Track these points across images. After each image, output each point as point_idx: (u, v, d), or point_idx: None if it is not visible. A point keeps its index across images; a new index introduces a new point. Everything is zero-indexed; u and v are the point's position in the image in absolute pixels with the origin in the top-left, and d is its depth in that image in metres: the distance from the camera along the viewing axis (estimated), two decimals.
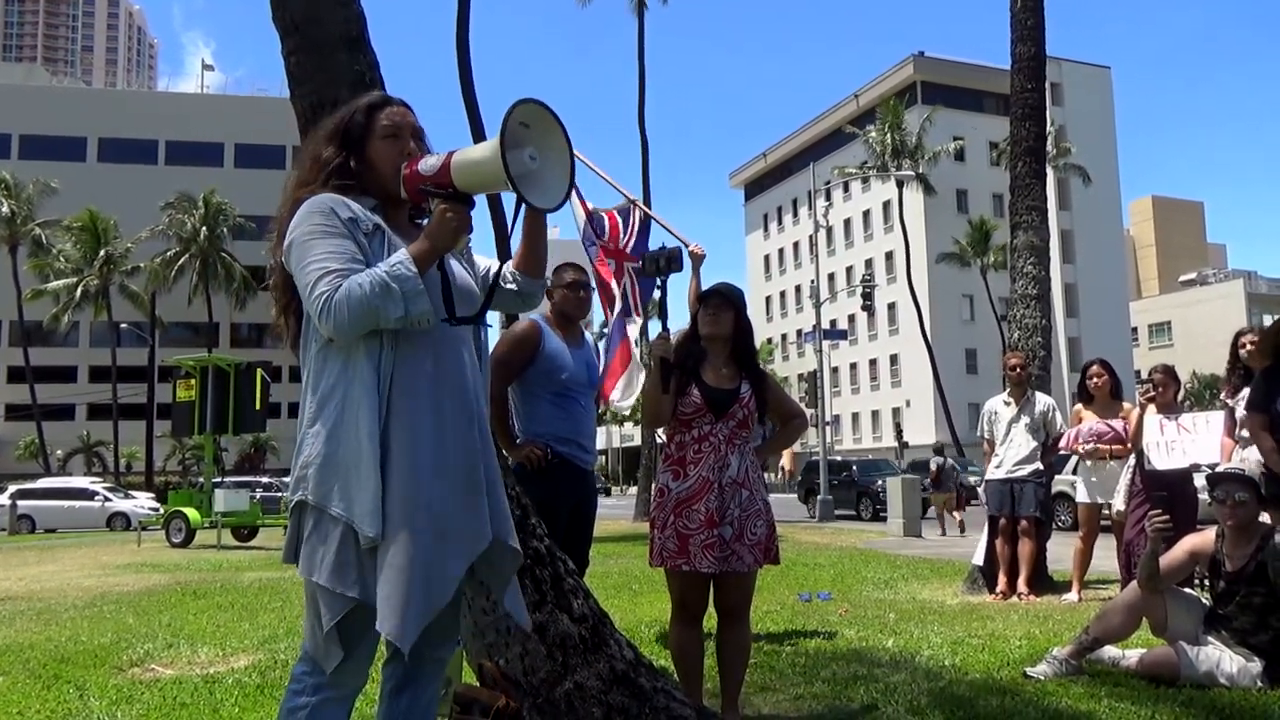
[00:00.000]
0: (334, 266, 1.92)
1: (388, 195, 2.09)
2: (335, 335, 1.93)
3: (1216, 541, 4.05)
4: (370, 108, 2.14)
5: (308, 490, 1.94)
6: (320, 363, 2.00)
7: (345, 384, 1.96)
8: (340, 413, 1.95)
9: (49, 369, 53.96)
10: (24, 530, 25.57)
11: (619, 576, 8.80)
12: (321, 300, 1.89)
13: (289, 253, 1.99)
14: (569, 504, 3.91)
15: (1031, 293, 7.87)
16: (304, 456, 1.97)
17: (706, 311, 3.40)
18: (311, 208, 1.99)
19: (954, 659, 4.51)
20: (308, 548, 1.96)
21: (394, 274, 1.90)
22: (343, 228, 1.97)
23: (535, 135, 1.95)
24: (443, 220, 1.96)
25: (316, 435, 1.96)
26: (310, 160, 2.14)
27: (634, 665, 3.11)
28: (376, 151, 2.09)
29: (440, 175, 1.95)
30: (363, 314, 1.88)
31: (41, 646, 5.57)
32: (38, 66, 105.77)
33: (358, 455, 1.92)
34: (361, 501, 1.90)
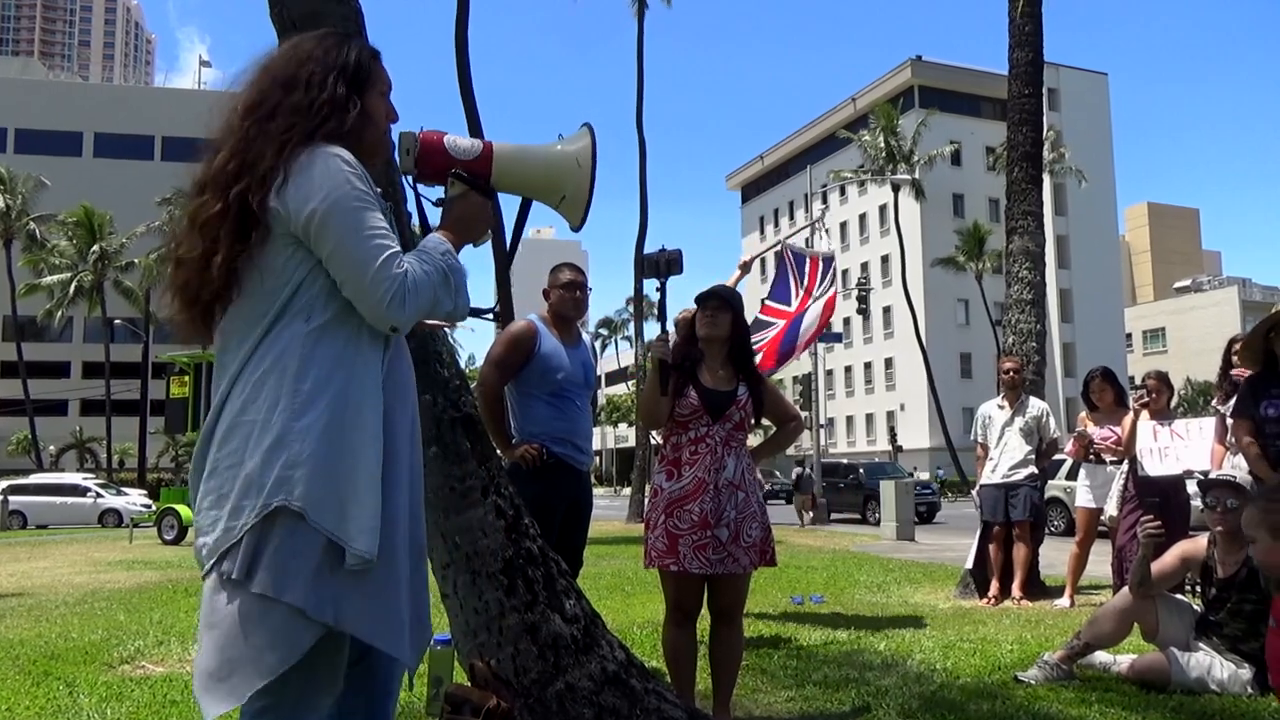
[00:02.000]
0: (395, 246, 1.68)
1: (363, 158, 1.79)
2: (403, 325, 1.70)
3: (1208, 548, 4.06)
4: (374, 55, 1.87)
5: (292, 495, 1.62)
6: (312, 345, 1.68)
7: (344, 377, 1.69)
8: (340, 409, 1.67)
9: (42, 364, 53.81)
10: (15, 526, 25.50)
11: (612, 577, 8.80)
12: (396, 283, 1.65)
13: (327, 214, 1.65)
14: (563, 504, 3.90)
15: (1026, 298, 7.88)
16: (290, 454, 1.63)
17: (704, 313, 3.41)
18: (349, 169, 1.69)
19: (945, 663, 4.52)
20: (277, 561, 1.61)
21: (448, 264, 1.74)
22: (379, 202, 1.74)
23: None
24: (483, 213, 1.84)
25: (307, 432, 1.64)
26: (308, 88, 1.75)
27: (625, 666, 3.11)
28: (374, 106, 1.84)
29: (480, 163, 1.83)
30: (427, 303, 1.70)
31: (32, 643, 5.55)
32: (34, 61, 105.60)
33: (358, 461, 1.66)
34: (359, 516, 1.64)
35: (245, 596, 1.61)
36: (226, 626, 1.62)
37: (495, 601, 3.08)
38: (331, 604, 1.63)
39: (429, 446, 3.16)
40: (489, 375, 3.90)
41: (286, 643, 1.61)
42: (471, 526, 3.12)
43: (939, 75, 60.55)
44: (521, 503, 3.29)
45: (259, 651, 1.60)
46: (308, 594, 1.61)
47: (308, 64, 1.78)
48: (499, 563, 3.10)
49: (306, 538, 1.62)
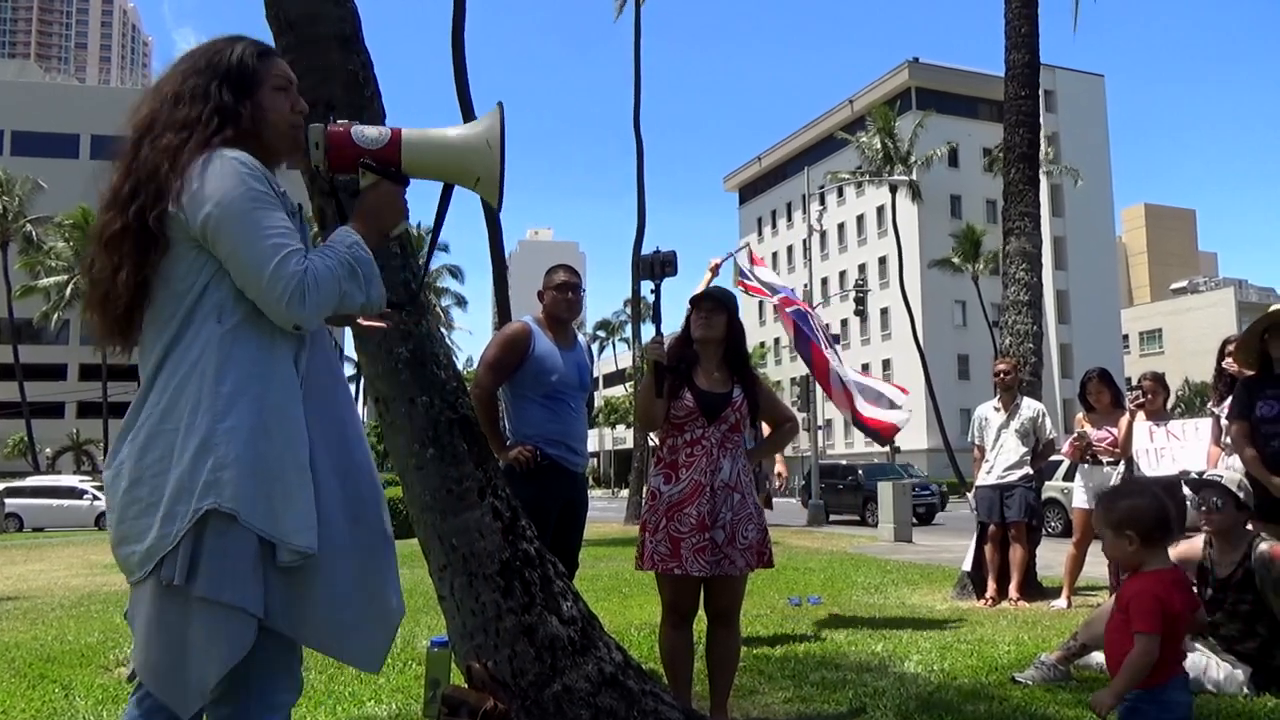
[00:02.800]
0: (295, 244, 1.68)
1: (269, 159, 1.83)
2: (305, 323, 1.69)
3: (1204, 549, 4.06)
4: (261, 52, 1.87)
5: (222, 497, 1.63)
6: (227, 347, 1.69)
7: (264, 378, 1.70)
8: (262, 410, 1.68)
9: (38, 366, 53.71)
10: (12, 529, 25.46)
11: (609, 579, 8.80)
12: (294, 281, 1.65)
13: (219, 219, 1.66)
14: (558, 506, 3.90)
15: (1023, 299, 7.89)
16: (217, 456, 1.65)
17: (699, 315, 3.41)
18: (245, 170, 1.70)
19: (942, 664, 4.52)
20: (214, 562, 1.64)
21: (355, 255, 1.73)
22: (280, 201, 1.74)
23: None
24: (392, 201, 1.83)
25: (233, 433, 1.65)
26: (192, 101, 1.78)
27: (622, 667, 3.11)
28: (271, 104, 1.84)
29: (387, 151, 1.81)
30: (330, 298, 1.70)
31: (28, 646, 5.55)
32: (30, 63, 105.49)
33: (286, 459, 1.68)
34: (294, 514, 1.66)
35: (190, 599, 1.65)
36: (177, 630, 1.66)
37: (492, 603, 3.08)
38: (262, 604, 1.67)
39: (426, 448, 3.17)
40: (483, 377, 3.90)
41: (231, 640, 1.65)
42: (468, 528, 3.12)
43: (936, 77, 60.59)
44: (518, 504, 3.29)
45: (210, 649, 1.65)
46: (243, 592, 1.64)
47: (190, 77, 1.82)
48: (496, 565, 3.10)
49: (240, 538, 1.65)
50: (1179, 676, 2.51)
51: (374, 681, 4.27)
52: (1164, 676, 2.45)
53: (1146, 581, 2.48)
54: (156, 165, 1.72)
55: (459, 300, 55.24)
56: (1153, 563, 2.52)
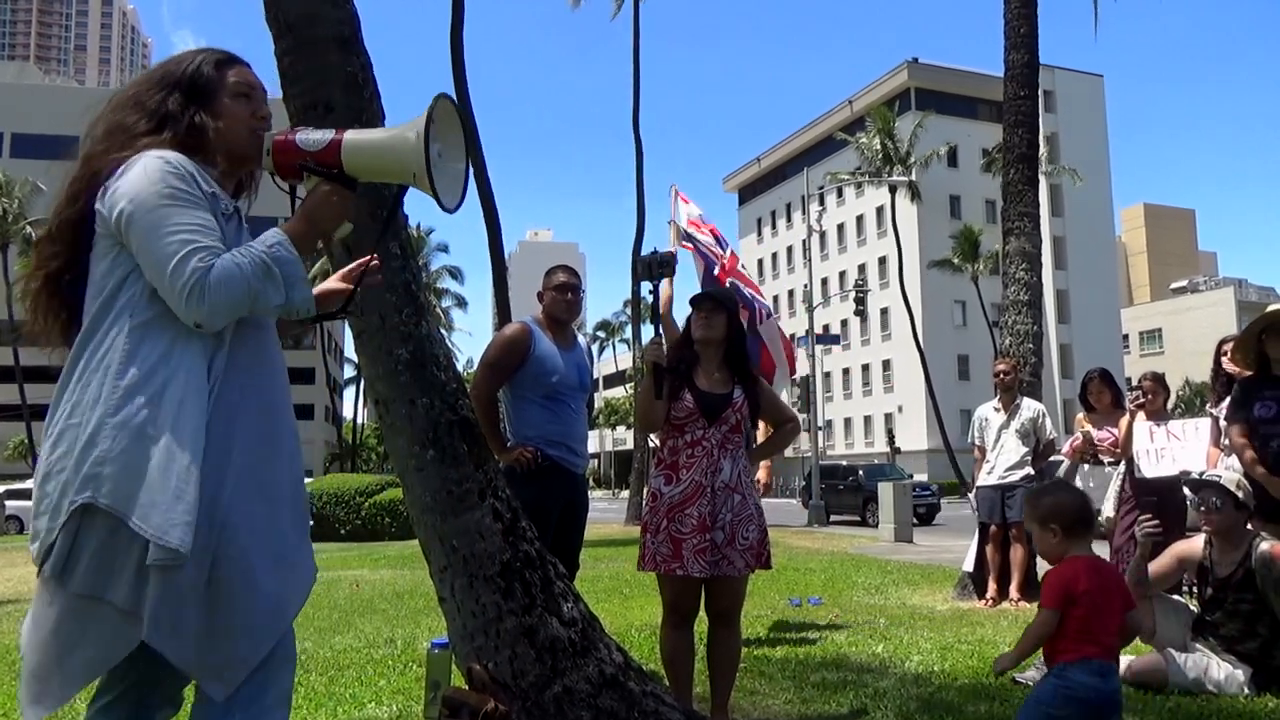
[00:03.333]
0: (204, 242, 1.67)
1: (230, 163, 1.88)
2: (204, 321, 1.66)
3: (1205, 548, 4.06)
4: (219, 61, 1.90)
5: (100, 492, 1.61)
6: (136, 341, 1.68)
7: (166, 373, 1.67)
8: (156, 406, 1.65)
9: (39, 369, 53.63)
10: (12, 531, 25.48)
11: (609, 580, 8.80)
12: (193, 278, 1.63)
13: (130, 215, 1.68)
14: (558, 507, 3.90)
15: (1023, 299, 7.88)
16: (100, 450, 1.62)
17: (699, 316, 3.41)
18: (169, 168, 1.71)
19: (943, 664, 4.52)
20: (97, 560, 1.62)
21: (274, 255, 1.70)
22: (204, 200, 1.73)
23: (441, 132, 1.83)
24: (328, 203, 1.79)
25: (121, 428, 1.63)
26: (137, 106, 1.84)
27: (623, 669, 3.11)
28: (228, 110, 1.86)
29: (327, 154, 1.80)
30: (239, 298, 1.66)
31: None
32: (30, 65, 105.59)
33: (172, 456, 1.63)
34: (171, 511, 1.60)
35: (66, 596, 1.63)
36: (49, 627, 1.65)
37: (493, 605, 3.08)
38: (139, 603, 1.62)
39: (426, 450, 3.17)
40: (483, 378, 3.90)
41: (108, 642, 1.62)
42: (469, 530, 3.12)
43: (935, 77, 60.61)
44: (519, 505, 3.29)
45: (80, 651, 1.62)
46: (129, 593, 1.61)
47: (144, 86, 1.88)
48: (496, 566, 3.09)
49: (128, 536, 1.61)
50: (1093, 661, 2.60)
51: (375, 683, 4.27)
52: (1071, 656, 2.59)
53: (1060, 567, 2.68)
54: (96, 168, 1.77)
55: (459, 301, 55.29)
56: (1074, 552, 2.69)
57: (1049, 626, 2.59)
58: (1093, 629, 2.59)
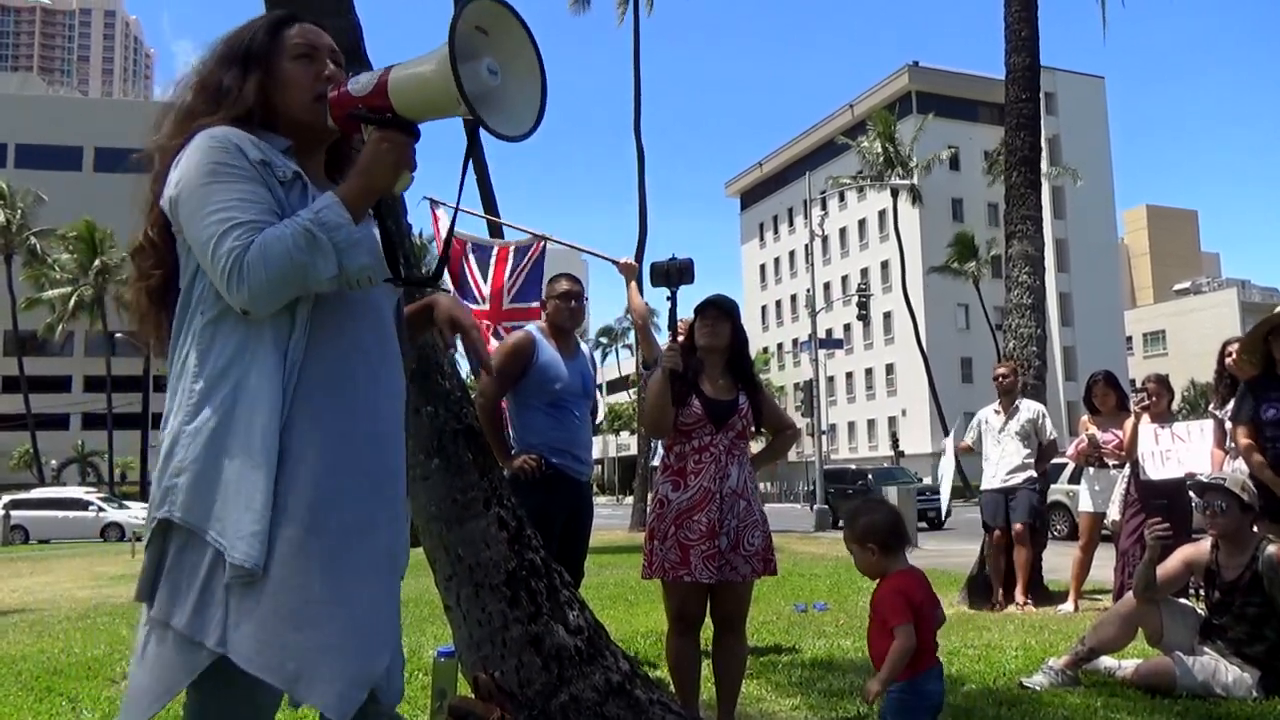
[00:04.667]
0: (244, 217, 1.50)
1: (299, 134, 1.69)
2: (251, 305, 1.49)
3: (1211, 552, 4.05)
4: (274, 24, 1.73)
5: (175, 506, 1.51)
6: (208, 342, 1.56)
7: (239, 372, 1.54)
8: (231, 407, 1.52)
9: (43, 379, 53.82)
10: (17, 541, 25.48)
11: (615, 587, 8.78)
12: (230, 259, 1.47)
13: (177, 201, 1.55)
14: (563, 515, 3.90)
15: (1026, 302, 7.88)
16: (176, 461, 1.53)
17: (704, 323, 3.41)
18: (211, 142, 1.56)
19: (950, 670, 4.50)
20: (170, 580, 1.51)
21: (320, 220, 1.50)
22: (252, 170, 1.56)
23: (495, 43, 1.54)
24: (378, 151, 1.54)
25: (195, 435, 1.52)
26: (200, 88, 1.70)
27: (630, 677, 3.10)
28: (287, 75, 1.68)
29: (375, 95, 1.55)
30: (284, 274, 1.47)
31: (34, 658, 5.54)
32: (33, 76, 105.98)
33: (245, 463, 1.50)
34: (240, 522, 1.47)
35: (148, 620, 1.54)
36: (137, 652, 1.55)
37: (498, 613, 3.07)
38: (219, 626, 1.47)
39: (431, 459, 3.17)
40: (488, 386, 3.90)
41: (172, 669, 1.49)
42: (474, 538, 3.12)
43: (936, 81, 60.65)
44: (524, 514, 3.28)
45: (151, 679, 1.51)
46: (191, 616, 1.48)
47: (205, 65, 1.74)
48: (502, 574, 3.09)
49: (196, 553, 1.50)
50: (933, 668, 2.73)
51: None
52: (920, 667, 2.67)
53: (890, 582, 2.73)
54: (165, 162, 1.66)
55: None
56: (893, 566, 2.77)
57: (911, 639, 2.62)
58: (925, 639, 2.69)
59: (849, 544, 2.85)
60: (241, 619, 1.47)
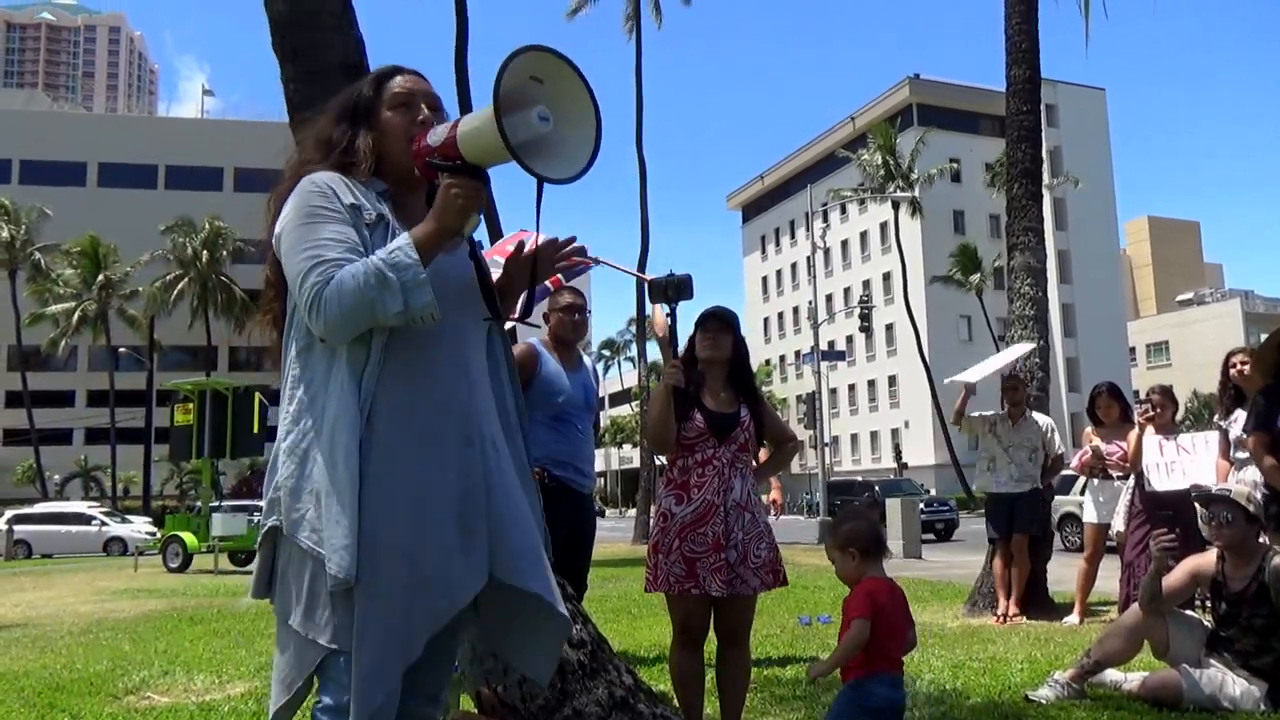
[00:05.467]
0: (330, 255, 1.67)
1: (401, 179, 1.85)
2: (327, 335, 1.68)
3: (1217, 563, 4.03)
4: (379, 78, 1.91)
5: (281, 516, 1.71)
6: (301, 368, 1.76)
7: (325, 396, 1.72)
8: (318, 430, 1.70)
9: (47, 393, 53.87)
10: (20, 555, 25.47)
11: (618, 600, 8.76)
12: (312, 292, 1.65)
13: (280, 240, 1.75)
14: (566, 527, 3.89)
15: (1029, 314, 7.88)
16: (277, 477, 1.73)
17: (705, 336, 3.41)
18: (310, 186, 1.75)
19: (955, 682, 4.49)
20: (283, 584, 1.73)
21: (391, 261, 1.65)
22: (344, 213, 1.73)
23: (548, 90, 1.66)
24: (447, 196, 1.68)
25: (290, 453, 1.72)
26: (314, 139, 1.90)
27: (633, 690, 3.09)
28: (387, 124, 1.85)
29: (447, 146, 1.69)
30: (355, 308, 1.63)
31: (37, 674, 5.53)
32: (38, 92, 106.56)
33: (332, 480, 1.66)
34: (334, 535, 1.65)
35: (275, 616, 1.76)
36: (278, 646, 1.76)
37: None
38: (327, 624, 1.67)
39: None
40: None
41: (297, 661, 1.71)
42: None
43: (937, 93, 60.80)
44: None
45: (282, 669, 1.73)
46: (303, 616, 1.69)
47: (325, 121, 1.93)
48: None
49: (301, 559, 1.70)
50: (886, 674, 2.85)
51: None
52: (868, 670, 2.82)
53: (862, 584, 2.88)
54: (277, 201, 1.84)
55: None
56: (870, 573, 2.92)
57: (864, 633, 2.77)
58: (885, 645, 2.82)
59: (830, 550, 2.98)
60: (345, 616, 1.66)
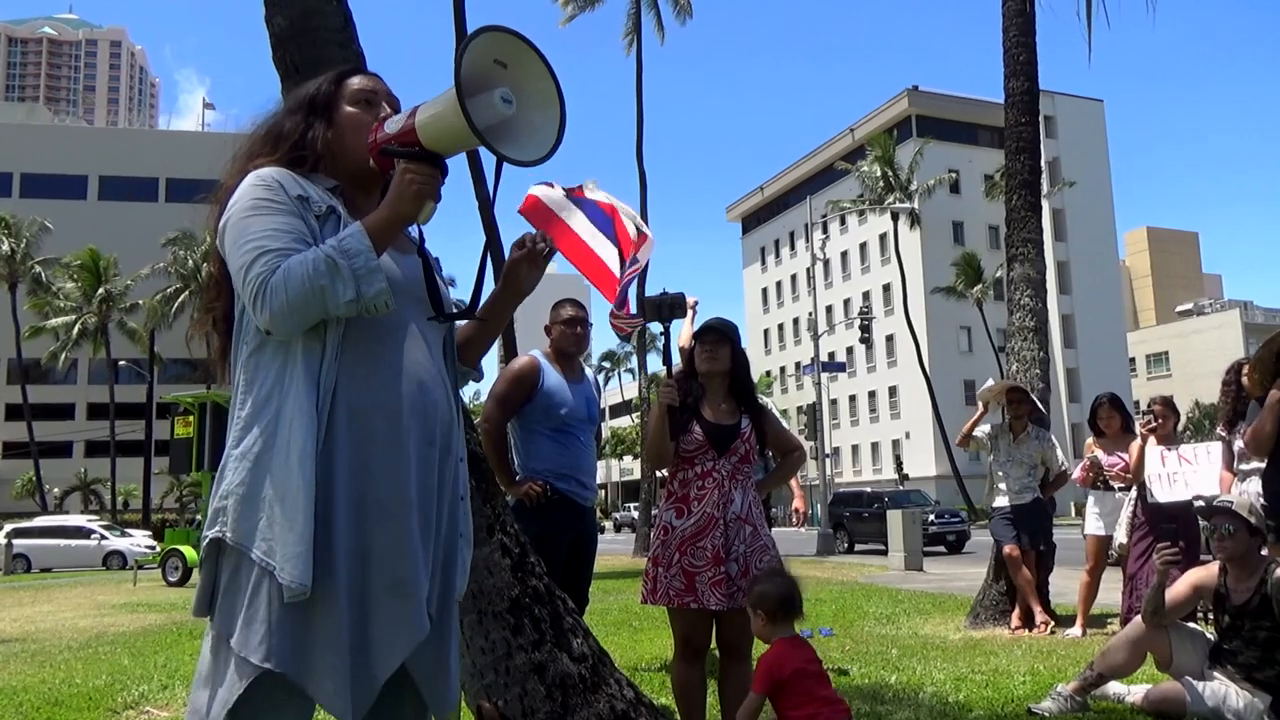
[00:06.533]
0: (274, 246, 1.61)
1: (355, 175, 1.80)
2: (274, 327, 1.60)
3: (1220, 575, 4.02)
4: (339, 75, 1.89)
5: (226, 526, 1.60)
6: (252, 370, 1.68)
7: (279, 397, 1.63)
8: (272, 433, 1.62)
9: (47, 406, 53.87)
10: (19, 570, 25.40)
11: (619, 613, 8.73)
12: (257, 283, 1.58)
13: (223, 234, 1.67)
14: (568, 540, 3.88)
15: (1029, 325, 7.88)
16: (225, 484, 1.63)
17: (703, 348, 3.41)
18: (255, 180, 1.69)
19: (958, 695, 4.47)
20: (226, 599, 1.61)
21: (343, 248, 1.59)
22: (290, 204, 1.67)
23: (511, 73, 1.63)
24: (402, 182, 1.63)
25: (241, 459, 1.62)
26: (265, 133, 1.84)
27: (634, 704, 3.08)
28: (347, 119, 1.81)
29: (405, 133, 1.65)
30: (305, 297, 1.56)
31: (35, 689, 5.51)
32: (40, 106, 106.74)
33: (286, 486, 1.58)
34: (286, 542, 1.56)
35: (210, 633, 1.63)
36: (202, 666, 1.64)
37: (502, 641, 3.05)
38: (266, 641, 1.56)
39: None
40: (492, 412, 3.90)
41: (228, 683, 1.57)
42: (477, 565, 3.08)
43: (936, 104, 61.01)
44: (527, 540, 3.27)
45: (209, 692, 1.59)
46: (242, 632, 1.57)
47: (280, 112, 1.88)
48: (505, 602, 3.08)
49: (246, 571, 1.60)
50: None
51: None
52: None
53: (771, 650, 2.91)
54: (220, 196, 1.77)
55: None
56: (779, 634, 2.94)
57: (757, 707, 2.85)
58: (815, 691, 2.85)
59: (748, 604, 3.03)
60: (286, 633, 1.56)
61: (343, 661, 1.58)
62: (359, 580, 1.61)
